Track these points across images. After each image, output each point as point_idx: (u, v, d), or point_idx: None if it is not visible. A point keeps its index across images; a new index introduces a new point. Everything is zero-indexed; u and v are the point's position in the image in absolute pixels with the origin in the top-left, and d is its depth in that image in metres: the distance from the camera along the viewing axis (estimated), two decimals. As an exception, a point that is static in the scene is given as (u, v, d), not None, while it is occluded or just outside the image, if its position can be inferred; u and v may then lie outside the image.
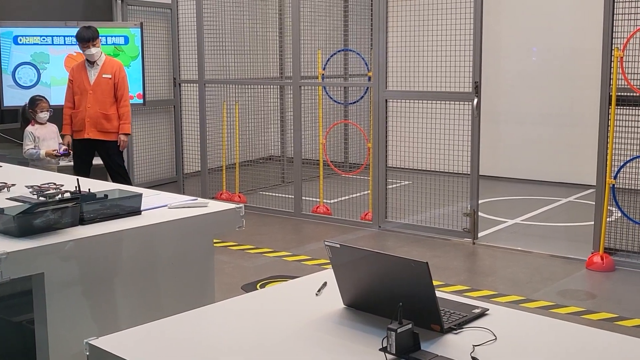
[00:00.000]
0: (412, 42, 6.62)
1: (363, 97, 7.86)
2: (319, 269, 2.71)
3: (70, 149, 6.46)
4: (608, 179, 5.47)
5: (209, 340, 1.97)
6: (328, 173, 7.93)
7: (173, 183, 8.73)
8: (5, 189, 3.50)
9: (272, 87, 9.04)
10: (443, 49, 6.41)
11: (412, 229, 6.62)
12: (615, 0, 5.36)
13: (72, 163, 6.66)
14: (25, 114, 6.55)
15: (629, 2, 5.35)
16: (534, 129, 9.05)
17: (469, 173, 6.28)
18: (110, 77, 6.47)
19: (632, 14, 5.35)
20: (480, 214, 6.54)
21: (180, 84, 8.44)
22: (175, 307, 2.36)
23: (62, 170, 5.66)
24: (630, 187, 5.59)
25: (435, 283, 4.50)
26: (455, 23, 6.24)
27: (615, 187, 5.51)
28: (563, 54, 8.75)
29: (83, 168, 6.49)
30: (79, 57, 6.93)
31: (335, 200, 7.64)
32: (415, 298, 1.94)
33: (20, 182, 3.58)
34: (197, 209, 3.10)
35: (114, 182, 6.11)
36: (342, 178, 8.17)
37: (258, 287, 5.17)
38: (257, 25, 9.10)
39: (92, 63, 6.46)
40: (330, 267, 2.18)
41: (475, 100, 6.09)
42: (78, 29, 6.44)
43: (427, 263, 1.89)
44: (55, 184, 3.46)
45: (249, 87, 8.56)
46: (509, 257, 5.96)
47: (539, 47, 9.01)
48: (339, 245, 2.08)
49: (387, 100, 6.69)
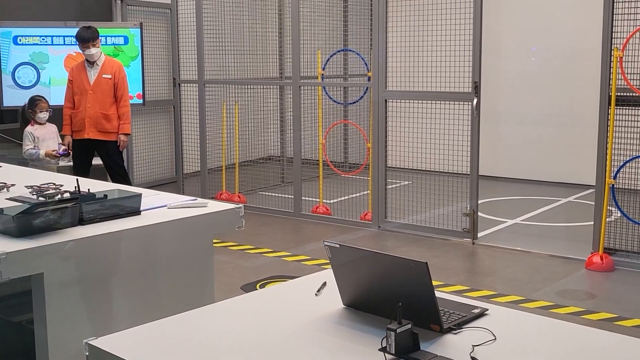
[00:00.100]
0: (411, 42, 6.63)
1: (363, 97, 7.86)
2: (319, 269, 2.72)
3: (70, 149, 6.46)
4: (608, 179, 5.47)
5: (209, 341, 1.97)
6: (328, 173, 7.93)
7: (173, 183, 8.73)
8: (5, 189, 3.50)
9: (271, 87, 9.04)
10: (443, 49, 6.41)
11: (411, 229, 6.62)
12: (615, 0, 5.36)
13: (71, 163, 6.66)
14: (25, 114, 6.55)
15: (629, 2, 5.35)
16: (534, 129, 9.05)
17: (469, 173, 6.28)
18: (110, 77, 6.47)
19: (631, 14, 5.35)
20: (480, 214, 6.54)
21: (180, 84, 8.44)
22: (175, 307, 2.36)
23: (61, 171, 5.67)
24: (630, 187, 5.60)
25: (435, 283, 4.50)
26: (455, 23, 6.24)
27: (615, 187, 5.51)
28: (563, 54, 8.75)
29: (82, 168, 6.49)
30: (79, 57, 6.93)
31: (335, 201, 7.64)
32: (415, 298, 1.94)
33: (20, 182, 3.58)
34: (196, 209, 3.11)
35: (114, 182, 6.11)
36: (341, 178, 8.17)
37: (258, 287, 5.17)
38: (256, 26, 9.10)
39: (91, 63, 6.46)
40: (330, 267, 2.18)
41: (475, 100, 6.09)
42: (78, 29, 6.44)
43: (426, 263, 1.89)
44: (55, 184, 3.46)
45: (249, 87, 8.56)
46: (509, 257, 5.96)
47: (539, 47, 9.01)
48: (339, 245, 2.08)
49: (386, 100, 6.69)
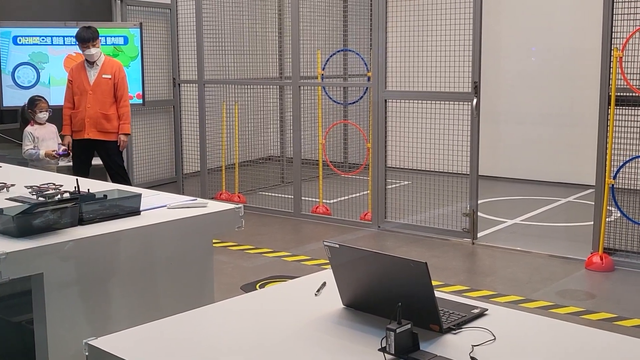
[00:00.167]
0: (411, 42, 6.62)
1: (362, 97, 7.86)
2: (319, 269, 2.72)
3: (70, 150, 6.46)
4: (607, 179, 5.48)
5: (209, 341, 1.97)
6: (327, 173, 7.93)
7: (172, 183, 8.73)
8: (5, 189, 3.50)
9: (271, 87, 9.05)
10: (442, 49, 6.41)
11: (411, 229, 6.62)
12: (615, 0, 5.36)
13: (71, 163, 6.66)
14: (25, 114, 6.55)
15: (628, 2, 5.35)
16: (534, 129, 9.05)
17: (469, 173, 6.28)
18: (110, 77, 6.47)
19: (631, 14, 5.35)
20: (480, 214, 6.54)
21: (180, 84, 8.44)
22: (175, 307, 2.36)
23: (61, 171, 5.67)
24: (630, 187, 5.60)
25: (435, 283, 4.50)
26: (455, 23, 6.24)
27: (615, 187, 5.51)
28: (563, 54, 8.75)
29: (82, 168, 6.49)
30: (79, 57, 6.93)
31: (335, 201, 7.64)
32: (415, 298, 1.94)
33: (20, 182, 3.58)
34: (196, 209, 3.11)
35: (114, 182, 6.11)
36: (341, 178, 8.17)
37: (257, 287, 5.17)
38: (256, 26, 9.10)
39: (91, 63, 6.46)
40: (330, 267, 2.18)
41: (475, 100, 6.09)
42: (78, 29, 6.44)
43: (426, 263, 1.89)
44: (55, 184, 3.46)
45: (249, 87, 8.56)
46: (508, 257, 5.96)
47: (539, 47, 9.01)
48: (338, 246, 2.08)
49: (386, 101, 6.69)
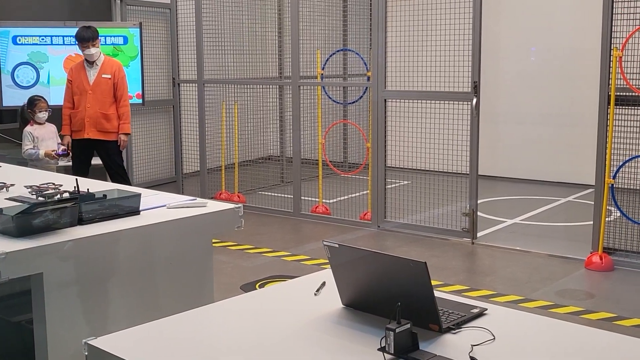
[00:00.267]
0: (411, 42, 6.62)
1: (362, 97, 7.86)
2: (318, 269, 2.72)
3: (69, 150, 6.46)
4: (607, 179, 5.48)
5: (208, 340, 1.97)
6: (327, 173, 7.93)
7: (172, 183, 8.73)
8: (5, 189, 3.50)
9: (271, 87, 9.04)
10: (442, 49, 6.41)
11: (411, 229, 6.62)
12: (614, 0, 5.36)
13: (70, 163, 6.66)
14: (24, 114, 6.55)
15: (628, 2, 5.35)
16: (533, 129, 9.06)
17: (468, 173, 6.28)
18: (110, 77, 6.47)
19: (631, 14, 5.35)
20: (479, 214, 6.54)
21: (179, 84, 8.44)
22: (174, 307, 2.36)
23: (61, 171, 5.67)
24: (629, 186, 5.60)
25: (434, 283, 4.50)
26: (454, 23, 6.24)
27: (614, 186, 5.51)
28: (562, 54, 8.75)
29: (82, 168, 6.49)
30: (78, 58, 6.93)
31: (334, 200, 7.64)
32: (414, 298, 1.94)
33: (19, 182, 3.58)
34: (195, 209, 3.11)
35: (113, 182, 6.11)
36: (341, 178, 8.17)
37: (257, 287, 5.17)
38: (256, 25, 9.10)
39: (91, 63, 6.46)
40: (329, 267, 2.18)
41: (474, 100, 6.09)
42: (77, 29, 6.44)
43: (425, 263, 1.89)
44: (54, 184, 3.46)
45: (248, 87, 8.56)
46: (508, 256, 5.96)
47: (539, 47, 9.01)
48: (338, 245, 2.08)
49: (386, 100, 6.69)
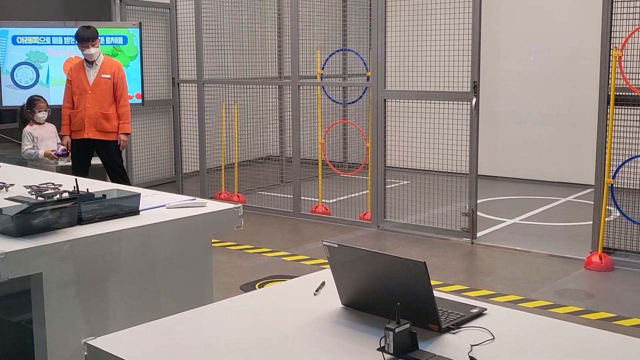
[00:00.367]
0: (410, 41, 6.62)
1: (362, 96, 7.86)
2: (318, 269, 2.71)
3: (69, 150, 6.46)
4: (607, 179, 5.48)
5: (208, 340, 1.97)
6: (327, 173, 7.93)
7: (172, 183, 8.73)
8: (4, 189, 3.50)
9: (270, 87, 9.04)
10: (442, 49, 6.41)
11: (410, 229, 6.62)
12: (614, 0, 5.36)
13: (70, 163, 6.65)
14: (24, 114, 6.54)
15: (628, 2, 5.35)
16: (533, 129, 9.06)
17: (468, 173, 6.28)
18: (110, 77, 6.47)
19: (630, 14, 5.35)
20: (479, 214, 6.54)
21: (179, 84, 8.44)
22: (174, 307, 2.36)
23: (60, 171, 5.66)
24: (629, 186, 5.60)
25: (434, 283, 4.50)
26: (454, 23, 6.24)
27: (614, 186, 5.51)
28: (562, 54, 8.75)
29: (81, 168, 6.49)
30: (77, 60, 6.92)
31: (334, 200, 7.64)
32: (413, 298, 1.94)
33: (19, 182, 3.58)
34: (195, 209, 3.11)
35: (113, 182, 6.11)
36: (340, 178, 8.17)
37: (257, 287, 5.17)
38: (255, 25, 9.10)
39: (90, 63, 6.46)
40: (329, 267, 2.18)
41: (474, 100, 6.09)
42: (77, 29, 6.44)
43: (424, 263, 1.89)
44: (54, 184, 3.46)
45: (248, 87, 8.56)
46: (508, 256, 5.96)
47: (539, 47, 9.01)
48: (337, 245, 2.08)
49: (385, 100, 6.69)
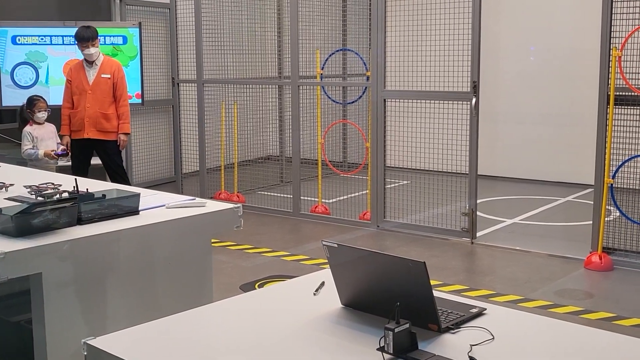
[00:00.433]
0: (410, 41, 6.63)
1: (361, 96, 7.86)
2: (318, 269, 2.72)
3: (69, 150, 6.45)
4: (606, 179, 5.48)
5: (207, 340, 1.97)
6: (326, 173, 7.93)
7: (172, 183, 8.73)
8: (4, 189, 3.50)
9: (270, 86, 9.04)
10: (441, 49, 6.41)
11: (410, 229, 6.62)
12: (614, 0, 5.36)
13: (70, 163, 6.65)
14: (23, 114, 6.54)
15: (628, 2, 5.35)
16: (533, 129, 9.06)
17: (468, 173, 6.28)
18: (109, 77, 6.47)
19: (630, 14, 5.35)
20: (479, 214, 6.54)
21: (179, 84, 8.44)
22: (173, 307, 2.36)
23: (60, 170, 5.66)
24: (629, 186, 5.60)
25: (434, 283, 4.50)
26: (454, 23, 6.24)
27: (614, 186, 5.51)
28: (562, 54, 8.75)
29: (81, 168, 6.49)
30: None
31: (334, 200, 7.64)
32: (413, 298, 1.94)
33: (19, 182, 3.58)
34: (194, 209, 3.11)
35: (113, 182, 6.11)
36: (340, 178, 8.17)
37: (256, 286, 5.17)
38: (255, 25, 9.10)
39: (90, 63, 6.45)
40: (328, 266, 2.18)
41: (474, 100, 6.09)
42: (77, 29, 6.44)
43: (424, 263, 1.89)
44: (54, 184, 3.46)
45: (248, 86, 8.56)
46: (508, 256, 5.96)
47: (538, 47, 9.01)
48: (337, 245, 2.08)
49: (385, 100, 6.69)
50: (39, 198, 3.16)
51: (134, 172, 8.59)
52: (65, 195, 3.11)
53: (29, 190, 3.36)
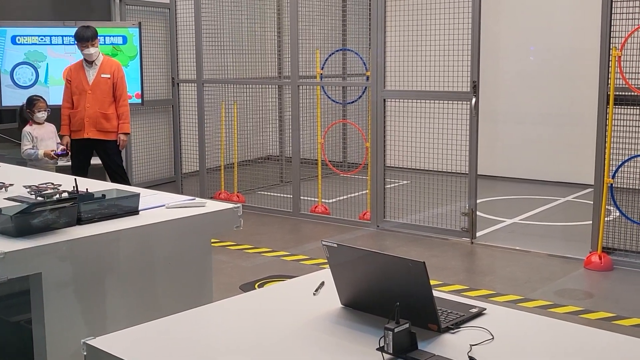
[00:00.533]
0: (410, 41, 6.62)
1: (361, 96, 7.86)
2: (317, 269, 2.72)
3: (68, 150, 6.45)
4: (606, 179, 5.48)
5: (207, 340, 1.97)
6: (326, 173, 7.93)
7: (171, 183, 8.73)
8: (3, 189, 3.50)
9: (270, 86, 9.04)
10: (441, 49, 6.41)
11: (410, 229, 6.62)
12: (613, 0, 5.36)
13: (70, 163, 6.65)
14: (23, 114, 6.54)
15: (627, 1, 5.35)
16: (533, 129, 9.06)
17: (467, 172, 6.28)
18: (109, 76, 6.47)
19: (630, 14, 5.35)
20: (479, 214, 6.54)
21: (179, 84, 8.44)
22: (173, 307, 2.36)
23: (60, 170, 5.66)
24: (628, 186, 5.60)
25: (434, 282, 4.50)
26: (454, 22, 6.24)
27: (613, 186, 5.51)
28: (562, 54, 8.75)
29: (81, 168, 6.49)
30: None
31: (334, 200, 7.64)
32: (413, 298, 1.94)
33: (18, 182, 3.58)
34: (194, 209, 3.11)
35: (113, 181, 6.11)
36: (340, 178, 8.17)
37: (256, 286, 5.17)
38: (255, 25, 9.10)
39: (90, 63, 6.45)
40: (328, 266, 2.18)
41: (474, 100, 6.09)
42: (76, 29, 6.44)
43: (424, 263, 1.89)
44: (53, 184, 3.46)
45: (248, 86, 8.55)
46: (507, 256, 5.96)
47: (538, 47, 9.01)
48: (337, 245, 2.08)
49: (385, 100, 6.69)
50: (39, 198, 3.17)
51: (134, 172, 8.59)
52: (65, 195, 3.11)
53: (29, 190, 3.36)
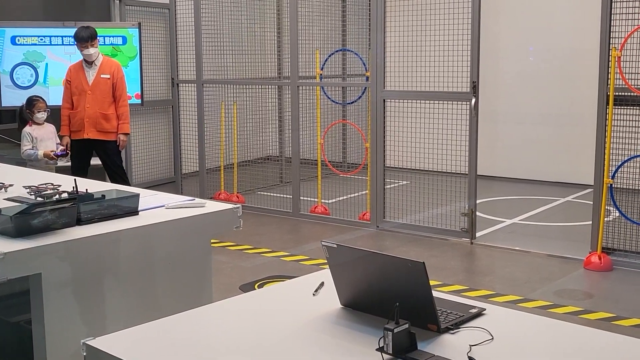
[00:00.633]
0: (409, 41, 6.63)
1: (361, 97, 7.86)
2: (317, 269, 2.72)
3: (68, 150, 6.45)
4: (606, 179, 5.48)
5: (207, 341, 1.97)
6: (326, 173, 7.93)
7: (171, 183, 8.72)
8: (3, 190, 3.50)
9: (270, 87, 9.04)
10: (441, 49, 6.41)
11: (410, 229, 6.62)
12: (613, 0, 5.36)
13: (70, 163, 6.65)
14: (23, 115, 6.54)
15: (627, 2, 5.35)
16: (532, 129, 9.06)
17: (467, 173, 6.29)
18: (109, 77, 6.47)
19: (629, 14, 5.36)
20: (478, 214, 6.54)
21: (178, 84, 8.44)
22: (173, 307, 2.36)
23: (60, 171, 5.66)
24: (628, 186, 5.60)
25: (433, 283, 4.50)
26: (453, 23, 6.24)
27: (613, 186, 5.51)
28: (562, 54, 8.75)
29: (81, 168, 6.49)
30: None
31: (333, 200, 7.64)
32: (412, 298, 1.94)
33: (18, 182, 3.58)
34: (194, 209, 3.11)
35: (112, 182, 6.12)
36: (340, 178, 8.17)
37: (256, 287, 5.17)
38: (255, 25, 9.10)
39: (90, 63, 6.46)
40: (328, 267, 2.18)
41: (473, 100, 6.09)
42: (76, 29, 6.44)
43: (423, 263, 1.89)
44: (53, 184, 3.46)
45: (247, 87, 8.56)
46: (507, 256, 5.96)
47: (538, 47, 9.01)
48: (336, 245, 2.08)
49: (384, 100, 6.69)
50: (39, 198, 3.17)
51: (134, 172, 8.59)
52: (65, 196, 3.12)
53: (29, 191, 3.36)
